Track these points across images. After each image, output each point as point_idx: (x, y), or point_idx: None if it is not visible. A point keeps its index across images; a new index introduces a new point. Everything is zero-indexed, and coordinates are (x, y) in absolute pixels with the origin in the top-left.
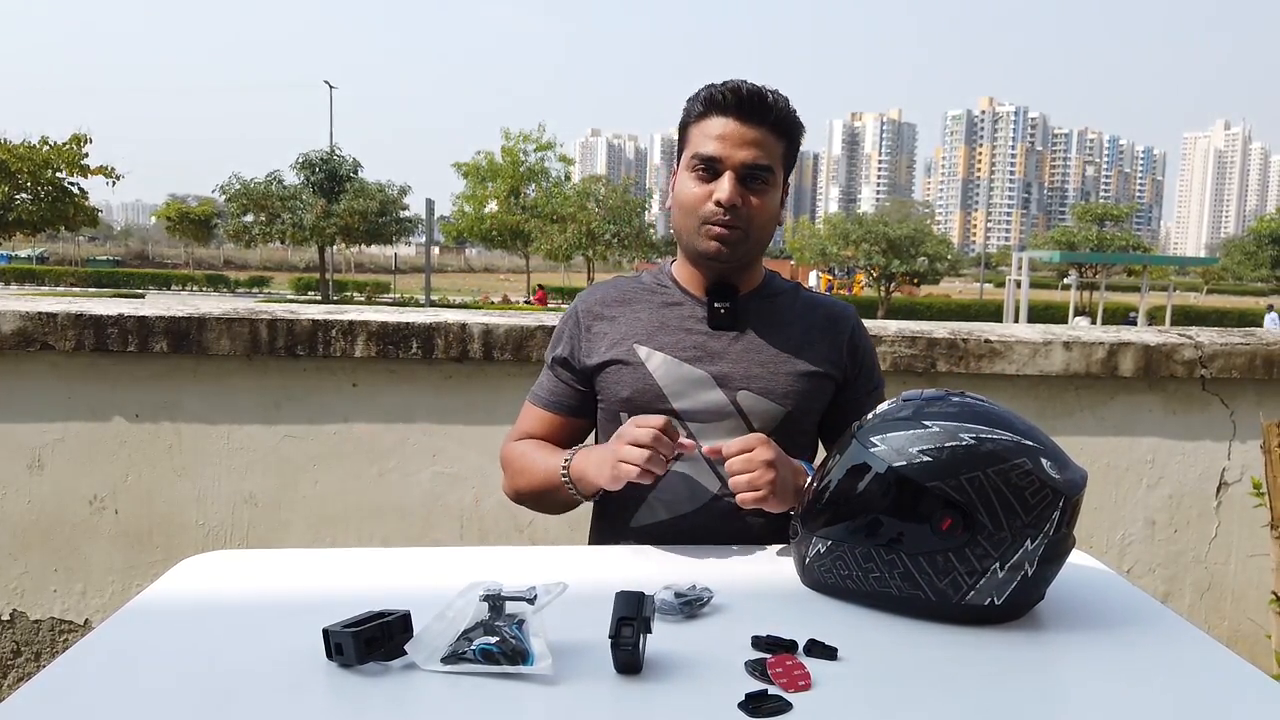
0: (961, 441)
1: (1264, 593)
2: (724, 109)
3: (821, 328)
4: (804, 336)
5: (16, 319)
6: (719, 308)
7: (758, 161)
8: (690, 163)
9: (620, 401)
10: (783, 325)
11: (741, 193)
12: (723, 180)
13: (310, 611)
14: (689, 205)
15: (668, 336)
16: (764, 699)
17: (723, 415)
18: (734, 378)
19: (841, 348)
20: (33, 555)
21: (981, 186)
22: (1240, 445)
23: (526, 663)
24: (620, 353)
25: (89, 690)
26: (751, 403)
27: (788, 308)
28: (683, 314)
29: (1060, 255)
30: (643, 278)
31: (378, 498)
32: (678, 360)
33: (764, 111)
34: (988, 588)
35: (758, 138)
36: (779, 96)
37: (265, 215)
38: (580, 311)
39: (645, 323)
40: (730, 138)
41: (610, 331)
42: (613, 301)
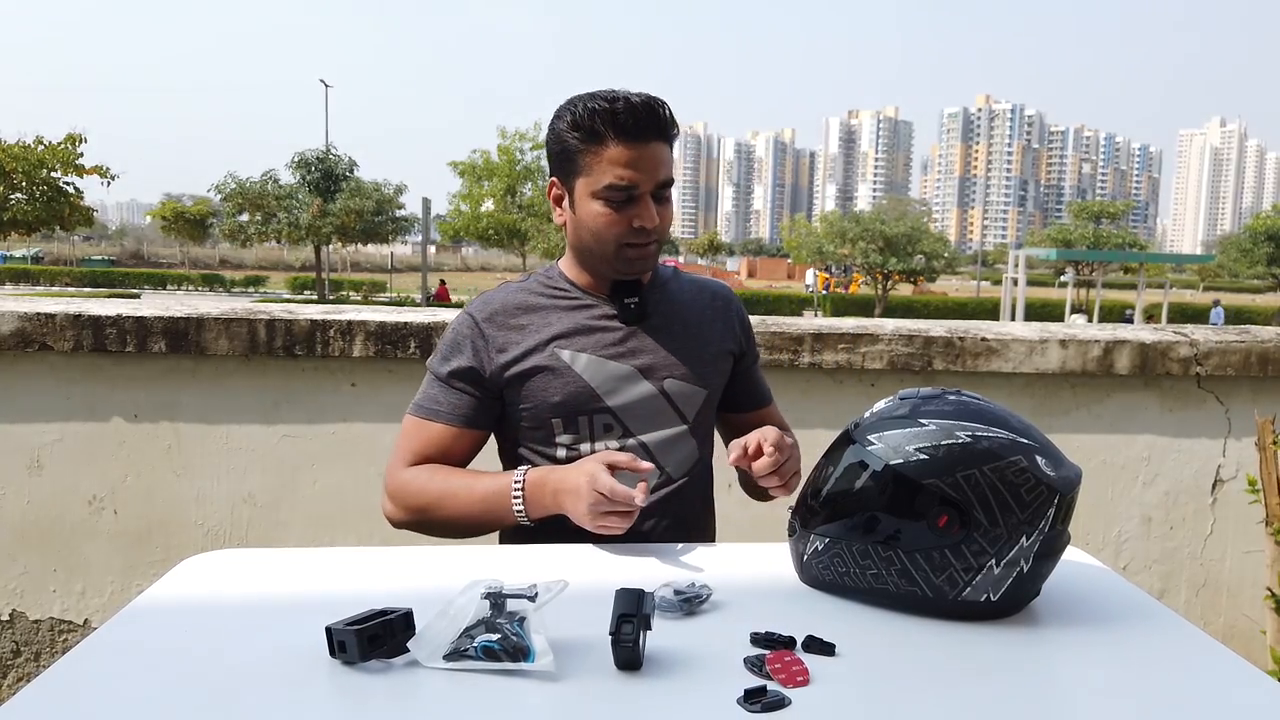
0: (957, 440)
1: (1259, 589)
2: (624, 134)
3: (714, 308)
4: (702, 318)
5: (15, 320)
6: (630, 303)
7: (667, 177)
8: (600, 191)
9: (551, 407)
10: (682, 311)
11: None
12: (642, 206)
13: (313, 610)
14: (604, 232)
15: (586, 337)
16: (763, 694)
17: (653, 405)
18: (657, 367)
19: (734, 324)
20: (32, 555)
21: (978, 184)
22: (1235, 442)
23: (528, 659)
24: (541, 359)
25: (94, 688)
26: (677, 389)
27: (679, 293)
28: (594, 314)
29: (1057, 253)
30: (531, 285)
31: (376, 497)
32: (602, 359)
33: (659, 126)
34: (984, 584)
35: (659, 154)
36: (662, 103)
37: (261, 214)
38: (480, 321)
39: (558, 327)
40: (640, 164)
41: (523, 340)
42: (515, 309)
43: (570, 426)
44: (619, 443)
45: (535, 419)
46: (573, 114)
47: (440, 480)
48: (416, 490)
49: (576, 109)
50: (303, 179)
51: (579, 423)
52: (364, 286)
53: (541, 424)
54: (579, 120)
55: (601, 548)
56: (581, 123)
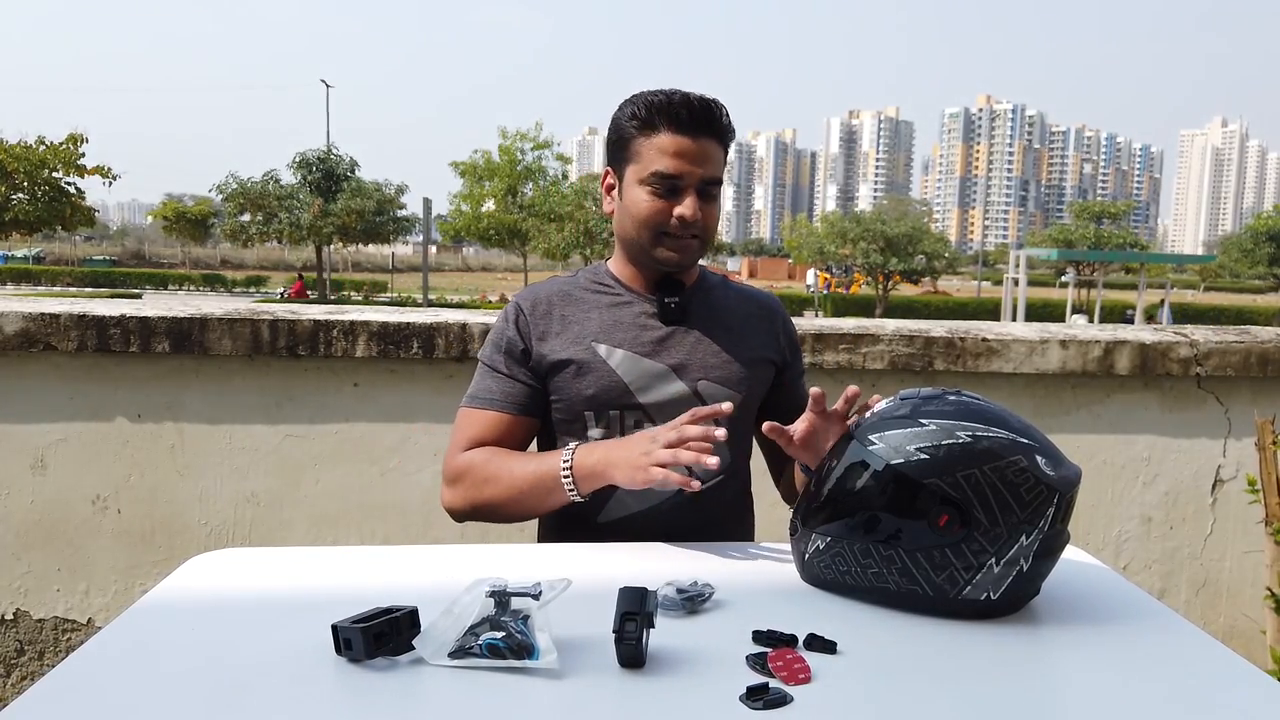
0: (958, 439)
1: (1259, 589)
2: (675, 124)
3: (758, 317)
4: (745, 326)
5: (19, 320)
6: (670, 303)
7: (714, 175)
8: (647, 178)
9: (584, 400)
10: (724, 316)
11: (700, 205)
12: (685, 198)
13: (318, 608)
14: (646, 219)
15: (624, 333)
16: (765, 692)
17: (685, 405)
18: (692, 368)
19: (778, 335)
20: (36, 555)
21: (979, 184)
22: (1235, 443)
23: (532, 657)
24: (578, 352)
25: (102, 686)
26: (711, 391)
27: (724, 299)
28: (634, 311)
29: (1058, 253)
30: (578, 279)
31: (379, 497)
32: (637, 355)
33: (713, 124)
34: (984, 583)
35: (710, 151)
36: (719, 104)
37: (262, 214)
38: (525, 310)
39: (598, 322)
40: (688, 155)
41: (563, 331)
42: (559, 301)
43: (602, 420)
44: None
45: (568, 411)
46: (633, 105)
47: (495, 461)
48: (471, 471)
49: (637, 101)
50: (304, 179)
51: (610, 417)
52: (365, 286)
53: (575, 416)
54: (636, 110)
55: (602, 547)
56: (639, 113)
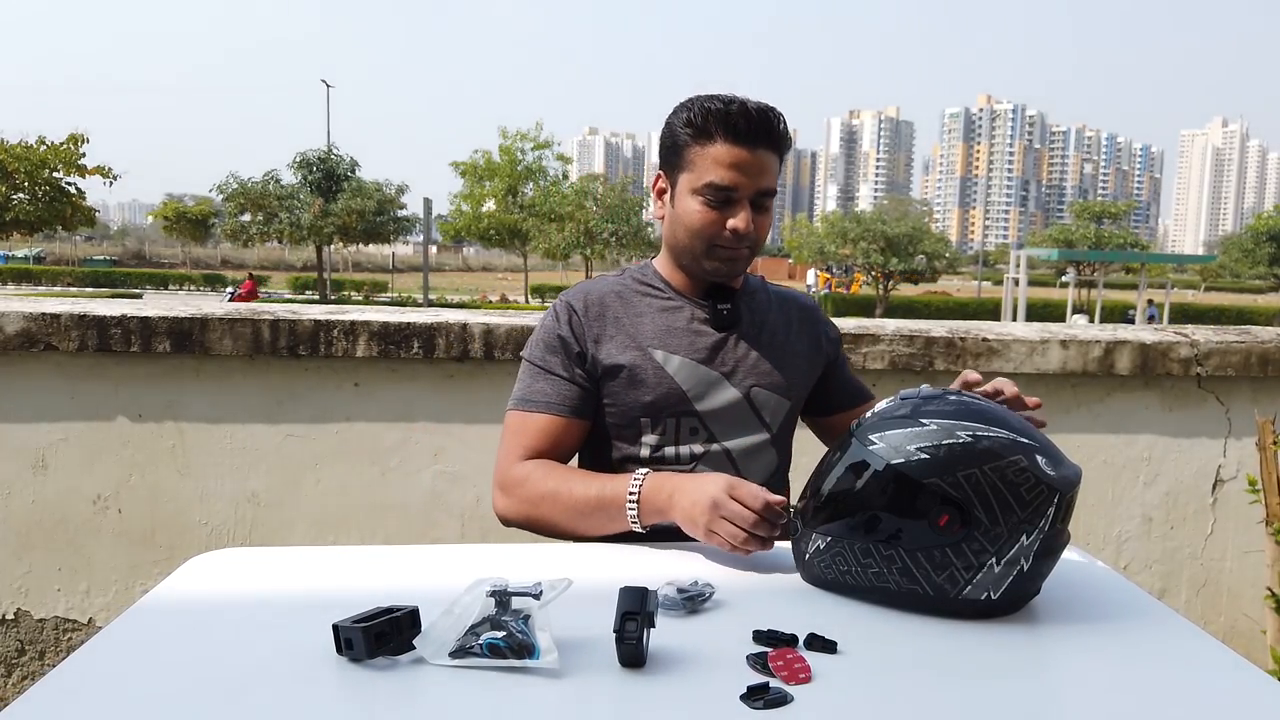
0: (958, 439)
1: (1259, 589)
2: (731, 134)
3: (800, 320)
4: (789, 329)
5: (20, 320)
6: (723, 309)
7: (769, 186)
8: (701, 189)
9: (642, 407)
10: (769, 321)
11: (752, 217)
12: (739, 210)
13: (319, 608)
14: (699, 230)
15: (680, 340)
16: (765, 691)
17: (739, 412)
18: (745, 375)
19: (820, 336)
20: (37, 555)
21: (979, 184)
22: (1236, 442)
23: (532, 657)
24: (634, 357)
25: (103, 686)
26: (763, 398)
27: (767, 303)
28: (685, 316)
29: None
30: (626, 280)
31: (380, 497)
32: (694, 362)
33: (770, 134)
34: (984, 582)
35: (766, 162)
36: (777, 113)
37: (262, 214)
38: (577, 310)
39: (652, 326)
40: (744, 166)
41: (617, 333)
42: (611, 301)
43: (657, 427)
44: (704, 447)
45: (623, 416)
46: (689, 111)
47: (556, 477)
48: (529, 483)
49: (693, 106)
50: (304, 179)
51: (666, 424)
52: (365, 286)
53: (630, 422)
54: (692, 117)
55: (604, 547)
56: (694, 119)
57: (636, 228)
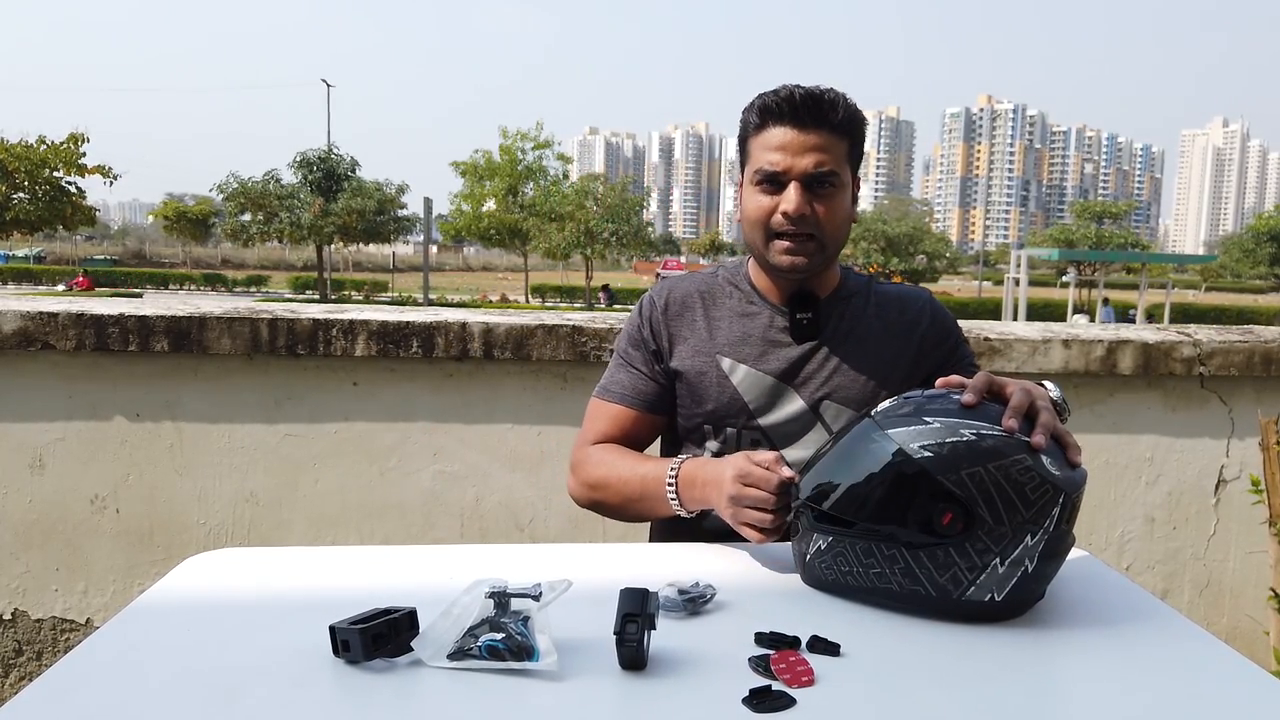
0: (962, 437)
1: (1262, 590)
2: (780, 118)
3: (898, 324)
4: (882, 340)
5: (17, 319)
6: (801, 319)
7: (821, 167)
8: (754, 177)
9: (704, 413)
10: (861, 330)
11: (808, 200)
12: (788, 191)
13: (316, 609)
14: (756, 219)
15: (750, 348)
16: (767, 694)
17: (805, 426)
18: (817, 389)
19: (920, 344)
20: (34, 554)
21: (980, 184)
22: (1239, 442)
23: (532, 659)
24: (702, 363)
25: (97, 687)
26: (834, 413)
27: (863, 310)
28: (763, 323)
29: (1059, 253)
30: (716, 279)
31: (378, 496)
32: (761, 373)
33: (821, 114)
34: (988, 583)
35: (818, 142)
36: (836, 95)
37: (263, 214)
38: (659, 307)
39: (727, 332)
40: (790, 147)
41: (690, 336)
42: (692, 302)
43: (719, 435)
44: None
45: (689, 420)
46: (752, 103)
47: (611, 459)
48: (591, 467)
49: (755, 98)
50: (304, 179)
51: (727, 434)
52: (365, 286)
53: (695, 427)
54: (751, 111)
55: (604, 547)
56: (752, 114)
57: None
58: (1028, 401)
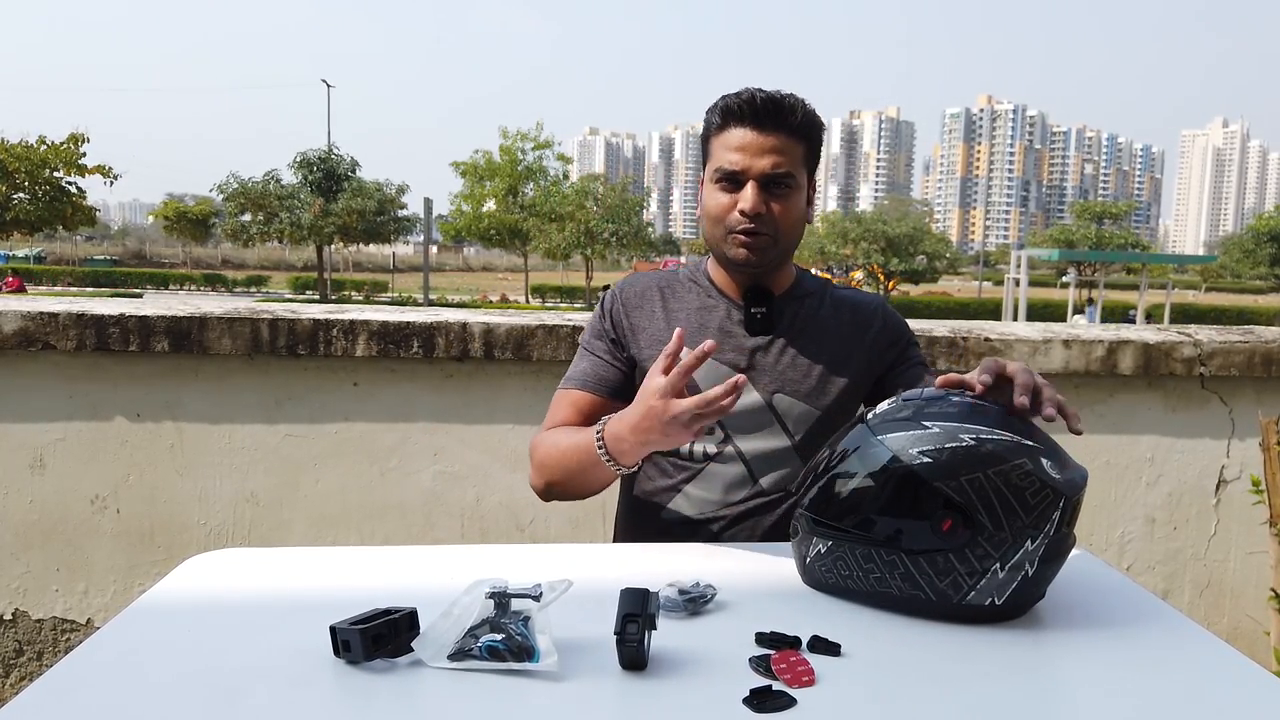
0: (961, 442)
1: (1263, 590)
2: (741, 119)
3: (851, 326)
4: (836, 338)
5: (18, 319)
6: (756, 313)
7: (778, 168)
8: (714, 175)
9: None
10: (815, 327)
11: (765, 199)
12: (746, 190)
13: (317, 609)
14: (716, 216)
15: (706, 339)
16: (768, 694)
17: (757, 417)
18: (770, 382)
19: (871, 346)
20: (34, 555)
21: (980, 184)
22: (1239, 443)
23: (532, 659)
24: (659, 353)
25: (97, 687)
26: (786, 405)
27: (819, 308)
28: (720, 316)
29: (1059, 253)
30: (679, 274)
31: (379, 497)
32: (716, 364)
33: (780, 117)
34: (988, 588)
35: (776, 144)
36: (794, 100)
37: (263, 214)
38: (620, 298)
39: (684, 323)
40: (749, 148)
41: (649, 326)
42: (650, 295)
43: None
44: (718, 448)
45: None
46: (714, 104)
47: (553, 439)
48: (540, 452)
49: (718, 100)
50: (305, 179)
51: None
52: (365, 286)
53: None
54: (713, 112)
55: (603, 548)
56: (714, 114)
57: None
58: (1031, 379)
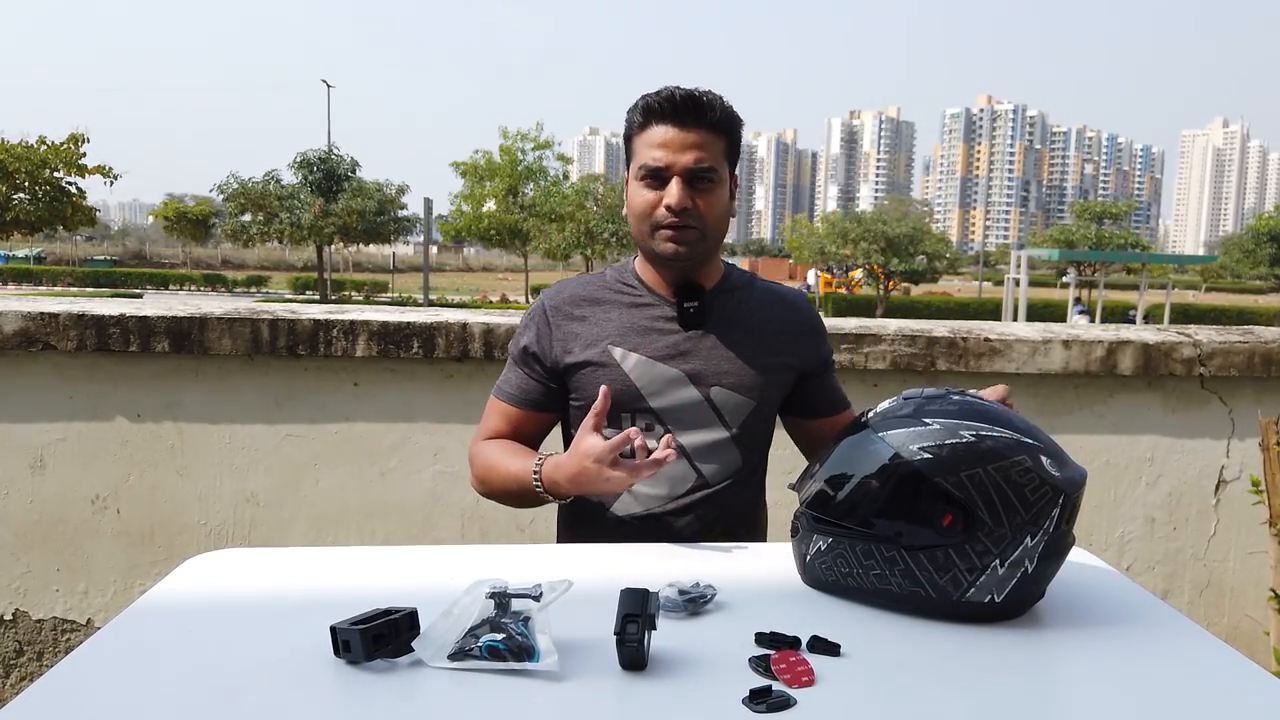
0: (962, 439)
1: (1262, 590)
2: (662, 117)
3: (781, 319)
4: (766, 329)
5: (18, 319)
6: (689, 307)
7: (701, 164)
8: (638, 173)
9: None
10: (746, 320)
11: (690, 195)
12: (671, 186)
13: (317, 609)
14: (642, 212)
15: (640, 337)
16: (768, 694)
17: (696, 411)
18: (706, 374)
19: (801, 337)
20: (35, 555)
21: (980, 184)
22: (1239, 443)
23: (532, 659)
24: (595, 354)
25: (98, 687)
26: (723, 398)
27: (748, 301)
28: (653, 314)
29: (1059, 253)
30: (606, 276)
31: (379, 497)
32: (652, 360)
33: (700, 114)
34: (988, 585)
35: (698, 140)
36: (713, 97)
37: (263, 215)
38: (549, 308)
39: (617, 324)
40: (672, 144)
41: (583, 332)
42: (582, 300)
43: (614, 423)
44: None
45: (585, 411)
46: (633, 107)
47: (493, 457)
48: (477, 461)
49: (638, 101)
50: (305, 179)
51: (622, 420)
52: (365, 287)
53: None
54: (635, 110)
55: (603, 548)
56: (636, 113)
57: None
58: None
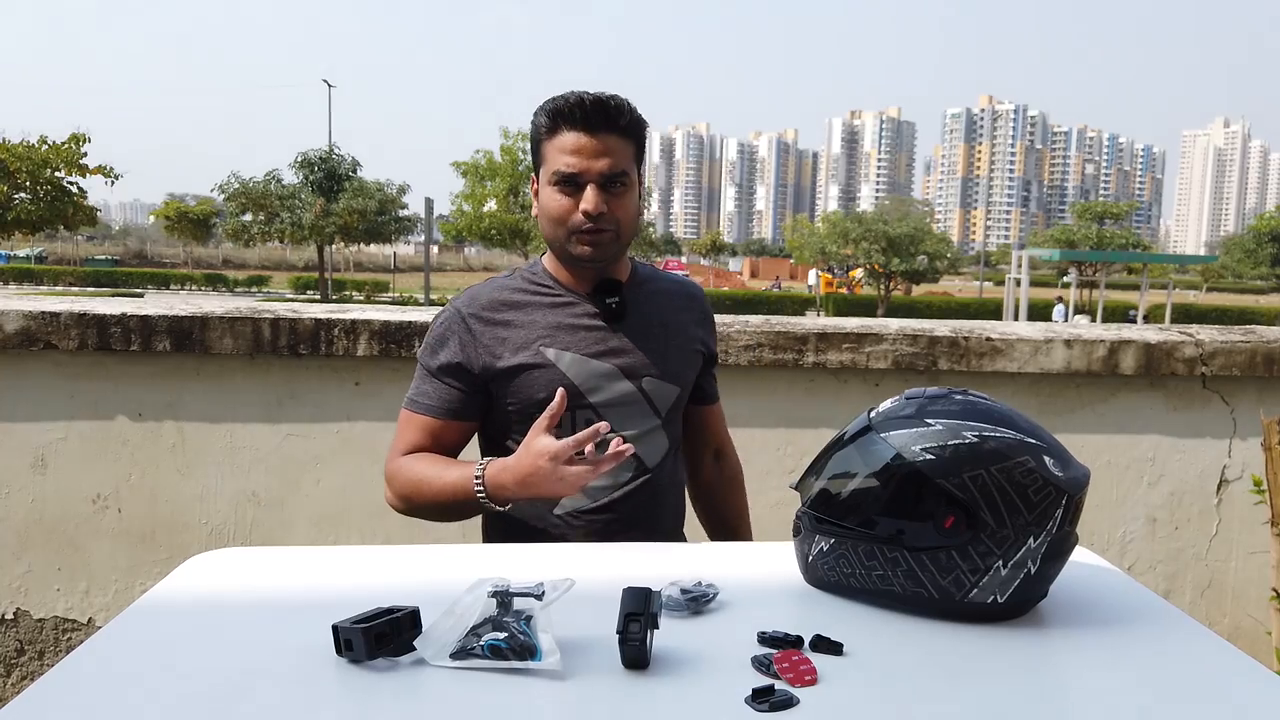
0: (964, 439)
1: (1264, 590)
2: (572, 123)
3: (686, 308)
4: (679, 318)
5: (20, 318)
6: (610, 303)
7: (614, 169)
8: (551, 178)
9: (538, 403)
10: (661, 310)
11: (605, 199)
12: (586, 192)
13: (319, 608)
14: (558, 217)
15: (570, 335)
16: (770, 694)
17: (631, 403)
18: (637, 367)
19: (703, 325)
20: (36, 554)
21: (981, 184)
22: (1241, 443)
23: (534, 658)
24: (528, 356)
25: (99, 687)
26: (654, 387)
27: (656, 292)
28: (576, 312)
29: (1060, 253)
30: (517, 279)
31: (380, 496)
32: (586, 357)
33: (609, 119)
34: (991, 585)
35: (609, 146)
36: (620, 101)
37: (264, 214)
38: (467, 317)
39: (544, 324)
40: (584, 150)
41: (510, 336)
42: (501, 305)
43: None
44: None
45: (522, 414)
46: (540, 111)
47: (419, 468)
48: (401, 477)
49: (544, 105)
50: (306, 179)
51: (564, 418)
52: (366, 286)
53: (528, 418)
54: (542, 115)
55: (605, 548)
56: (544, 117)
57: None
58: None
